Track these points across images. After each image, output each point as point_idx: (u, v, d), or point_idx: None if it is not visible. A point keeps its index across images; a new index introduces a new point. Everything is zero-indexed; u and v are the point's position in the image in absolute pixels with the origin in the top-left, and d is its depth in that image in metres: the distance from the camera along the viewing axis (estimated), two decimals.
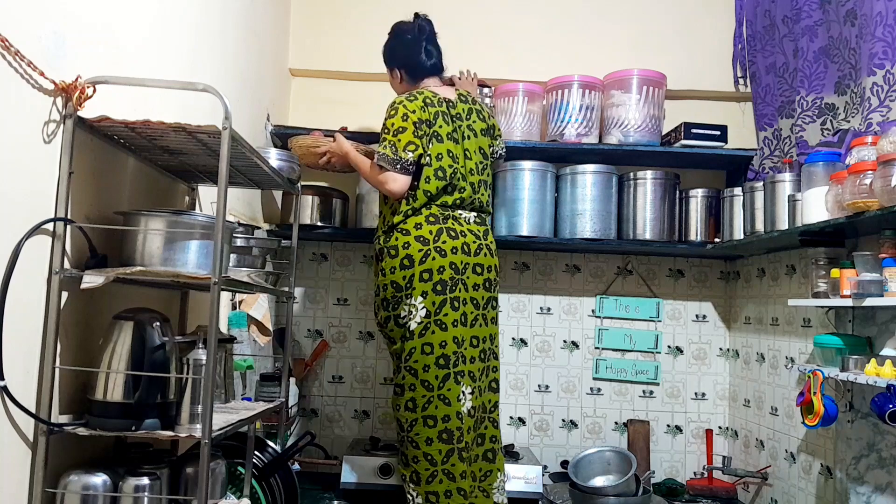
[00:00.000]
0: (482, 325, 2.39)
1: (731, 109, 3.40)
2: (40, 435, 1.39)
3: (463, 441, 2.30)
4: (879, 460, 2.30)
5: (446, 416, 2.27)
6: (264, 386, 2.53)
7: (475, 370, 2.36)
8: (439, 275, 2.29)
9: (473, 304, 2.36)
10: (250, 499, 2.04)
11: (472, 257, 2.35)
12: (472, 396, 2.33)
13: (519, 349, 3.40)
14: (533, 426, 3.39)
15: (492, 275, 2.43)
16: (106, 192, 1.65)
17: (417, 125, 2.33)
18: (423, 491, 2.27)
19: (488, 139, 2.54)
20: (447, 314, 2.29)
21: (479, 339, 2.38)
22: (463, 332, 2.33)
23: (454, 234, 2.35)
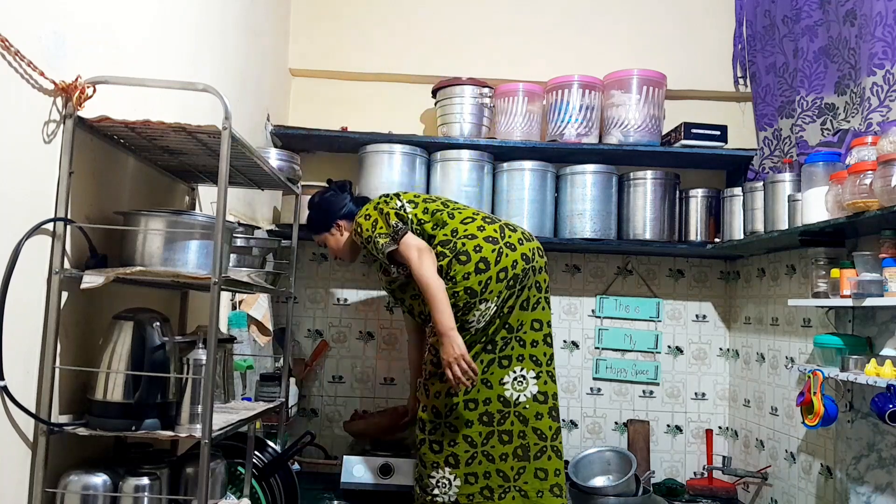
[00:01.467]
0: (545, 309, 2.38)
1: (731, 109, 3.40)
2: (40, 435, 1.39)
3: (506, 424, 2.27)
4: (879, 460, 2.30)
5: (487, 399, 2.28)
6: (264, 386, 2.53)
7: (539, 354, 2.32)
8: (513, 269, 2.29)
9: (537, 287, 2.37)
10: (250, 499, 2.04)
11: (534, 241, 2.42)
12: (538, 381, 2.30)
13: None
14: None
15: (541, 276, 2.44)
16: (106, 192, 1.65)
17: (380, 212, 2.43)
18: (461, 473, 2.26)
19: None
20: (509, 304, 2.32)
21: (543, 322, 2.37)
22: (522, 317, 2.34)
23: (512, 227, 2.41)
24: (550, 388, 2.32)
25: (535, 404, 2.29)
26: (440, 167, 3.14)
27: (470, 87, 3.16)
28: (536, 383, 2.30)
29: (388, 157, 3.07)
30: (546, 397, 2.30)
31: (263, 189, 2.24)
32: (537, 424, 2.28)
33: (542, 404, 2.29)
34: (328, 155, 3.43)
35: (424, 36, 3.40)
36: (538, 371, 2.31)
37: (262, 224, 2.97)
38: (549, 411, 2.30)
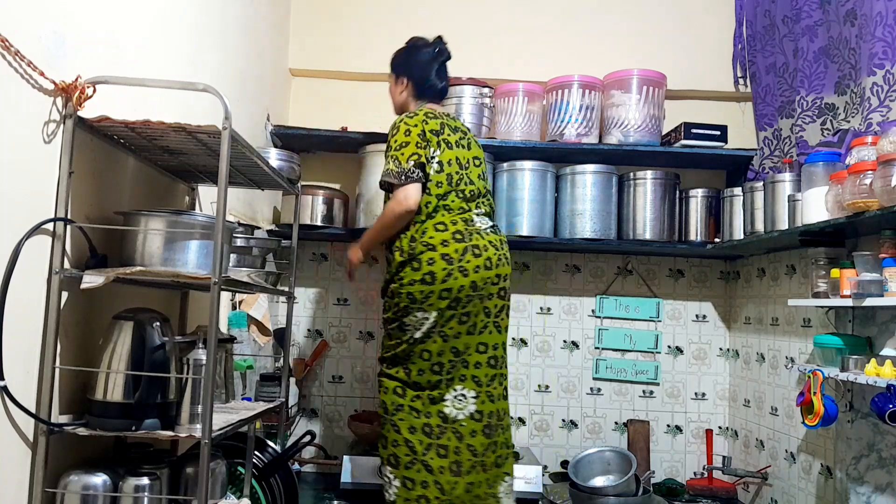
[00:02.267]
0: (492, 333, 2.38)
1: (731, 109, 3.40)
2: (40, 435, 1.39)
3: (443, 439, 2.29)
4: (879, 460, 2.30)
5: (428, 413, 2.31)
6: (264, 386, 2.53)
7: (480, 375, 2.36)
8: (458, 293, 2.30)
9: (485, 312, 2.37)
10: (250, 499, 2.04)
11: (491, 270, 2.35)
12: (476, 401, 2.34)
13: (519, 349, 3.40)
14: (533, 426, 3.39)
15: (507, 283, 2.42)
16: (106, 192, 1.65)
17: (421, 136, 2.36)
18: (400, 475, 2.29)
19: (480, 150, 2.58)
20: (452, 328, 2.32)
21: (489, 345, 2.38)
22: (468, 340, 2.34)
23: (478, 251, 2.34)
24: (487, 408, 2.34)
25: (472, 422, 2.32)
26: None
27: (470, 87, 3.16)
28: (475, 402, 2.33)
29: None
30: (482, 416, 2.33)
31: (263, 189, 2.24)
32: (471, 441, 2.31)
33: (478, 422, 2.32)
34: (328, 155, 3.43)
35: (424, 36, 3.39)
36: (478, 391, 2.34)
37: (262, 224, 2.97)
38: (483, 429, 2.33)
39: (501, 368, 2.42)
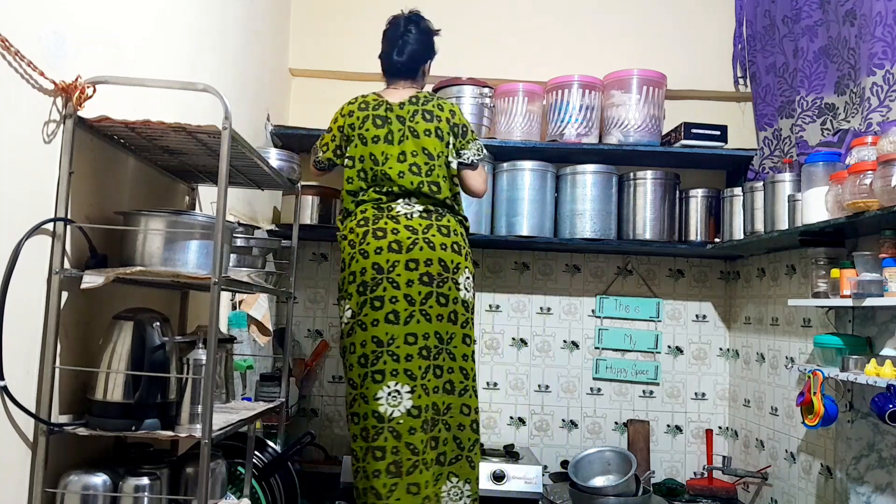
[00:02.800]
0: (420, 322, 2.26)
1: (731, 109, 3.40)
2: (40, 435, 1.39)
3: (379, 440, 2.23)
4: (879, 460, 2.30)
5: (364, 415, 2.26)
6: (264, 386, 2.53)
7: (413, 368, 2.25)
8: (361, 276, 2.27)
9: (407, 300, 2.25)
10: (250, 499, 2.04)
11: (402, 254, 2.26)
12: (412, 395, 2.24)
13: (519, 349, 3.40)
14: (533, 426, 3.39)
15: (433, 269, 2.27)
16: (106, 192, 1.65)
17: (339, 129, 2.48)
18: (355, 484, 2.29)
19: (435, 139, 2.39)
20: (367, 314, 2.27)
21: (419, 336, 2.26)
22: (392, 330, 2.26)
23: (382, 233, 2.29)
24: (424, 402, 2.24)
25: (409, 419, 2.23)
26: None
27: (470, 86, 3.16)
28: (411, 398, 2.24)
29: None
30: (420, 411, 2.23)
31: (263, 189, 2.24)
32: (410, 439, 2.22)
33: (416, 419, 2.23)
34: None
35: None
36: (413, 385, 2.24)
37: (262, 224, 2.97)
38: (422, 425, 2.23)
39: (437, 360, 2.28)
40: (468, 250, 2.41)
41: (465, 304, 2.35)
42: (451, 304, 2.31)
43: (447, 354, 2.32)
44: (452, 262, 2.32)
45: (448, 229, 2.34)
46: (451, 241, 2.33)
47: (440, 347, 2.31)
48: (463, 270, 2.34)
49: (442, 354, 2.31)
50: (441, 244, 2.30)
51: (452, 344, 2.33)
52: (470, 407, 2.34)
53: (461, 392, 2.33)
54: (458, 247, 2.35)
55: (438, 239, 2.30)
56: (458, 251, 2.34)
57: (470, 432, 2.33)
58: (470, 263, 2.39)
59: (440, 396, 2.30)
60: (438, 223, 2.34)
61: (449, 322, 2.31)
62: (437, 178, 2.37)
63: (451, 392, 2.32)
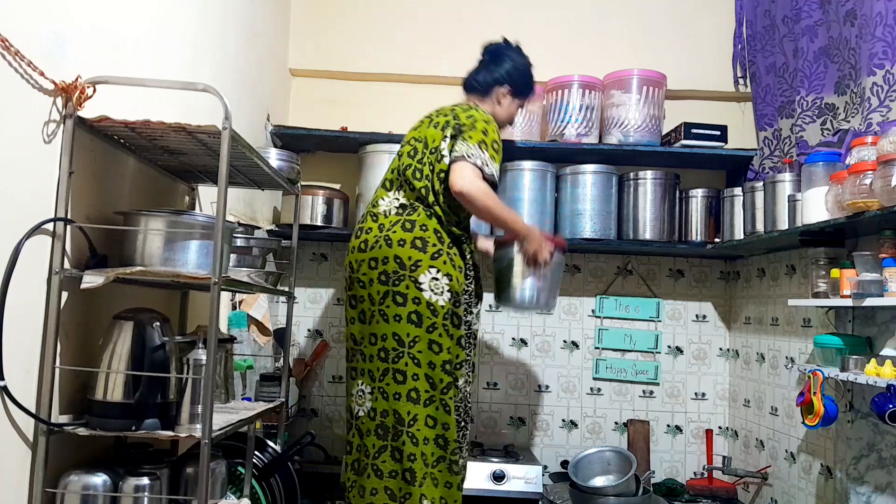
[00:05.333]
0: (379, 323, 2.21)
1: (731, 109, 3.40)
2: (40, 435, 1.39)
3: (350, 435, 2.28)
4: (879, 460, 2.30)
5: (346, 407, 2.34)
6: (264, 386, 2.53)
7: (374, 369, 2.22)
8: (345, 273, 2.36)
9: (370, 299, 2.23)
10: (250, 499, 2.04)
11: (366, 252, 2.24)
12: (371, 397, 2.23)
13: (519, 349, 3.40)
14: (533, 426, 3.39)
15: (388, 266, 2.20)
16: (106, 192, 1.65)
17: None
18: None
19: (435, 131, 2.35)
20: (347, 311, 2.34)
21: (378, 336, 2.21)
22: (362, 329, 2.26)
23: (360, 232, 2.31)
24: (381, 406, 2.20)
25: (368, 420, 2.23)
26: None
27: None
28: (370, 399, 2.23)
29: (388, 157, 3.07)
30: (375, 414, 2.21)
31: (263, 189, 2.24)
32: (366, 441, 2.22)
33: (372, 421, 2.22)
34: (328, 155, 3.43)
35: (424, 36, 3.40)
36: (373, 387, 2.23)
37: (262, 224, 2.97)
38: (376, 429, 2.21)
39: (396, 364, 2.19)
40: (444, 249, 2.23)
41: (432, 307, 2.18)
42: (412, 305, 2.18)
43: (410, 359, 2.19)
44: (410, 260, 2.19)
45: (413, 224, 2.23)
46: (412, 237, 2.21)
47: (400, 351, 2.19)
48: (425, 269, 2.19)
49: (403, 359, 2.19)
50: (399, 240, 2.21)
51: (416, 348, 2.19)
52: (436, 420, 2.19)
53: (426, 402, 2.19)
54: (421, 243, 2.21)
55: (398, 235, 2.22)
56: (421, 248, 2.20)
57: (434, 447, 2.19)
58: (443, 265, 2.21)
59: (404, 405, 2.17)
60: (406, 218, 2.25)
61: (410, 323, 2.18)
62: (421, 166, 2.30)
63: (417, 402, 2.18)
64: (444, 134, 2.32)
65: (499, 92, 2.53)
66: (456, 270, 2.23)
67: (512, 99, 2.56)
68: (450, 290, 2.21)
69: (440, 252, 2.22)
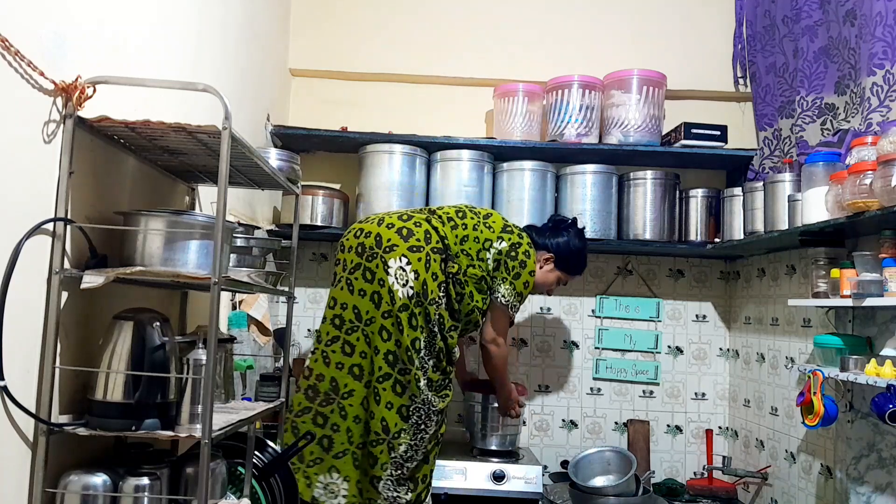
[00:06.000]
0: (343, 290, 2.27)
1: (731, 109, 3.40)
2: (40, 435, 1.39)
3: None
4: (879, 460, 2.30)
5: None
6: (264, 386, 2.53)
7: (323, 332, 2.27)
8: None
9: (342, 265, 2.29)
10: (250, 499, 2.04)
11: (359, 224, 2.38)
12: (311, 358, 2.28)
13: (519, 349, 3.40)
14: (533, 426, 3.39)
15: (368, 241, 2.28)
16: (106, 192, 1.65)
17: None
18: None
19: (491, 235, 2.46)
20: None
21: (338, 302, 2.27)
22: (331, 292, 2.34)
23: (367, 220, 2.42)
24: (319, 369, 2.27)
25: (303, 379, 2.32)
26: (440, 167, 3.14)
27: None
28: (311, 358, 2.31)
29: (388, 157, 3.07)
30: (310, 373, 2.28)
31: (263, 189, 2.24)
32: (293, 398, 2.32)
33: (306, 379, 2.29)
34: (328, 155, 3.43)
35: (424, 36, 3.40)
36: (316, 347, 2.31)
37: (262, 224, 2.97)
38: (306, 389, 2.28)
39: (349, 336, 2.23)
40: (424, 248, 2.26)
41: (392, 294, 2.20)
42: (376, 285, 2.21)
43: (363, 336, 2.22)
44: (389, 241, 2.23)
45: (410, 218, 2.33)
46: (401, 225, 2.28)
47: (355, 325, 2.22)
48: (398, 255, 2.21)
49: (356, 333, 2.22)
50: (388, 224, 2.28)
51: (371, 328, 2.22)
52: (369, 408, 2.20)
53: (366, 384, 2.21)
54: (406, 232, 2.26)
55: (389, 220, 2.31)
56: (404, 236, 2.24)
57: (362, 430, 2.20)
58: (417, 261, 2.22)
59: (342, 376, 2.21)
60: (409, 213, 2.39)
61: (371, 301, 2.22)
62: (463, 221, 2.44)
63: (359, 378, 2.21)
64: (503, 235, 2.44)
65: (544, 255, 2.60)
66: (427, 273, 2.24)
67: (553, 267, 2.62)
68: (412, 288, 2.22)
69: (420, 248, 2.25)
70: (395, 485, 2.20)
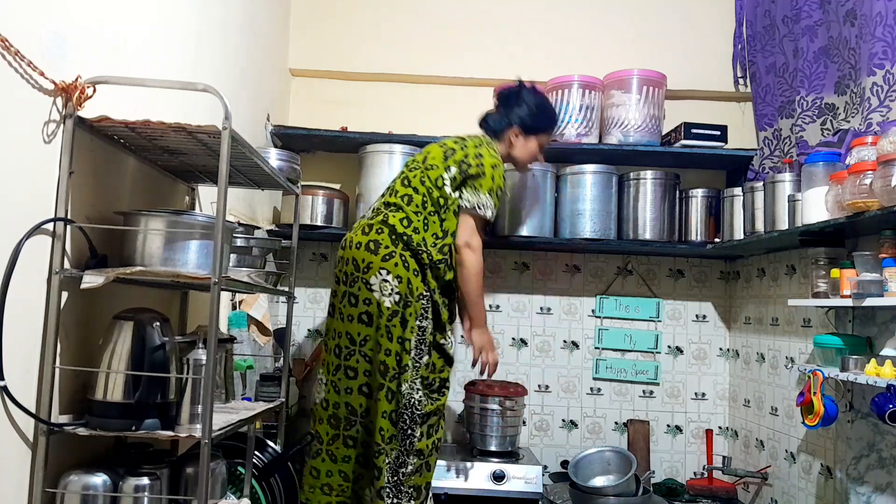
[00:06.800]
0: (336, 319, 2.34)
1: (731, 109, 3.40)
2: (40, 435, 1.39)
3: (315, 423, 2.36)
4: (879, 460, 2.30)
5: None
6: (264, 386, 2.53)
7: (330, 362, 2.34)
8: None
9: (334, 295, 2.36)
10: (250, 499, 2.04)
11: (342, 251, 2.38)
12: (325, 388, 2.34)
13: (519, 349, 3.40)
14: (533, 426, 3.39)
15: (347, 268, 2.31)
16: (106, 192, 1.65)
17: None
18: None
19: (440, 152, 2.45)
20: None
21: (336, 332, 2.34)
22: (329, 323, 2.39)
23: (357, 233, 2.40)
24: (332, 398, 2.32)
25: (320, 409, 2.34)
26: None
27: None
28: (324, 390, 2.35)
29: (388, 157, 3.07)
30: (328, 405, 2.33)
31: (263, 189, 2.24)
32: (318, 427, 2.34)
33: (325, 411, 2.33)
34: (328, 155, 3.43)
35: (424, 36, 3.40)
36: (328, 379, 2.35)
37: (262, 224, 2.97)
38: (328, 419, 2.32)
39: (348, 361, 2.29)
40: (395, 251, 2.26)
41: (379, 307, 2.23)
42: (363, 305, 2.26)
43: (362, 357, 2.27)
44: (364, 262, 2.27)
45: (371, 227, 2.33)
46: (367, 240, 2.30)
47: (351, 349, 2.29)
48: (376, 271, 2.24)
49: (354, 356, 2.28)
50: (357, 244, 2.32)
51: (367, 347, 2.27)
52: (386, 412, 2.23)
53: (377, 398, 2.25)
54: (374, 245, 2.27)
55: (356, 238, 2.33)
56: (374, 250, 2.26)
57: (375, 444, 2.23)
58: (393, 266, 2.24)
59: (355, 398, 2.30)
60: (367, 222, 2.36)
61: (360, 323, 2.26)
62: (410, 174, 2.42)
63: (370, 396, 2.28)
64: (448, 163, 2.40)
65: (510, 134, 2.57)
66: (408, 272, 2.26)
67: (526, 137, 2.58)
68: (398, 293, 2.25)
69: (392, 254, 2.27)
70: (394, 492, 2.22)
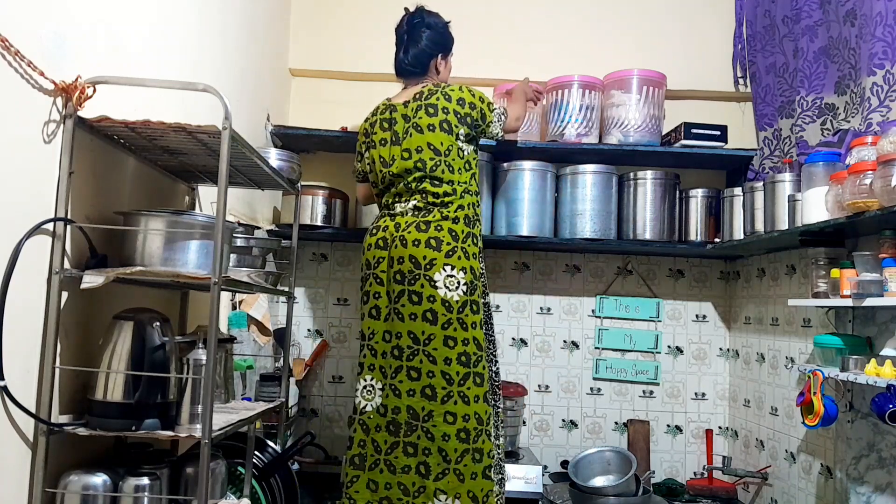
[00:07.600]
0: (394, 321, 2.25)
1: (731, 109, 3.40)
2: (40, 435, 1.39)
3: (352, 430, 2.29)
4: (879, 460, 2.30)
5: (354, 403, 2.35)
6: (264, 386, 2.53)
7: (386, 366, 2.26)
8: (361, 270, 2.39)
9: (388, 296, 2.28)
10: (250, 499, 2.04)
11: (385, 250, 2.30)
12: (381, 394, 2.25)
13: (519, 349, 3.40)
14: (533, 426, 3.39)
15: (404, 266, 2.24)
16: (106, 192, 1.65)
17: (360, 138, 2.55)
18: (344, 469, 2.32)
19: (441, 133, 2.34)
20: (361, 307, 2.37)
21: (393, 334, 2.25)
22: (374, 325, 2.30)
23: (376, 230, 2.36)
24: (392, 402, 2.23)
25: (377, 416, 2.25)
26: None
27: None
28: (381, 395, 2.26)
29: None
30: (387, 410, 2.24)
31: (263, 189, 2.24)
32: (375, 436, 2.24)
33: (382, 417, 2.24)
34: (328, 155, 3.43)
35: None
36: (384, 383, 2.25)
37: (262, 224, 2.97)
38: (387, 425, 2.23)
39: (411, 361, 2.22)
40: (458, 245, 2.27)
41: (447, 304, 2.22)
42: (427, 303, 2.22)
43: (425, 357, 2.22)
44: (425, 259, 2.24)
45: (428, 225, 2.28)
46: (426, 237, 2.25)
47: (415, 349, 2.23)
48: (440, 267, 2.23)
49: (418, 356, 2.22)
50: (414, 241, 2.25)
51: (432, 346, 2.22)
52: (455, 415, 2.19)
53: (444, 399, 2.20)
54: (435, 242, 2.25)
55: (412, 236, 2.26)
56: (436, 247, 2.24)
57: (456, 442, 2.18)
58: (457, 260, 2.26)
59: (418, 401, 2.22)
60: (422, 219, 2.29)
61: (425, 321, 2.22)
62: (440, 174, 2.33)
63: (433, 398, 2.21)
64: (455, 132, 2.37)
65: (435, 63, 2.54)
66: (471, 260, 2.31)
67: (446, 61, 2.60)
68: (465, 283, 2.27)
69: (454, 249, 2.28)
70: (501, 466, 2.31)
